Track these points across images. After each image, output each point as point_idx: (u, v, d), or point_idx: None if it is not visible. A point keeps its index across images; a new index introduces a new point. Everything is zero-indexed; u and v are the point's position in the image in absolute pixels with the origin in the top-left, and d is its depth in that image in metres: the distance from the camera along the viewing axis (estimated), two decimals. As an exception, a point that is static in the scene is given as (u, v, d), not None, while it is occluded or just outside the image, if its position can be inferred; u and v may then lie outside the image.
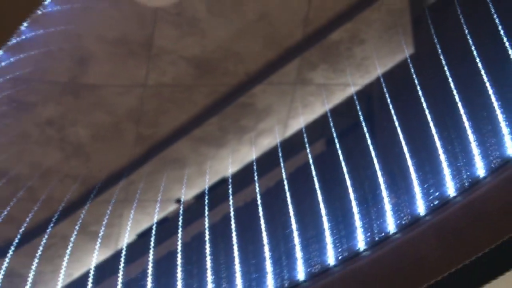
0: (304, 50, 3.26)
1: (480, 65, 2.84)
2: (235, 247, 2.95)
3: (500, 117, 2.73)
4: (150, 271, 2.94)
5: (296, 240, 2.78)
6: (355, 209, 2.72)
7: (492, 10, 3.05)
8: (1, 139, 3.10)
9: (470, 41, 3.02)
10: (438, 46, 2.94)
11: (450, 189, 2.61)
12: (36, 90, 3.00)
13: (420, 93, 2.97)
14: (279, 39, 3.15)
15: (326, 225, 2.77)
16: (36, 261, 3.11)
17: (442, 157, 2.79)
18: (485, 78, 2.84)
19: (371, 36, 3.16)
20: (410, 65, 3.09)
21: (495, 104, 2.89)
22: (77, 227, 3.20)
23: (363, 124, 3.07)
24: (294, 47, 3.19)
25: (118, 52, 3.00)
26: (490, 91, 2.95)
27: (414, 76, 2.97)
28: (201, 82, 3.07)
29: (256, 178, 3.23)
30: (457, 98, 2.88)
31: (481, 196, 2.46)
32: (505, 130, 2.59)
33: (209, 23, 2.97)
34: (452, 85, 2.98)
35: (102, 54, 3.00)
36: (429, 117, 2.83)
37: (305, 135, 3.43)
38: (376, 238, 2.61)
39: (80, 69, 3.02)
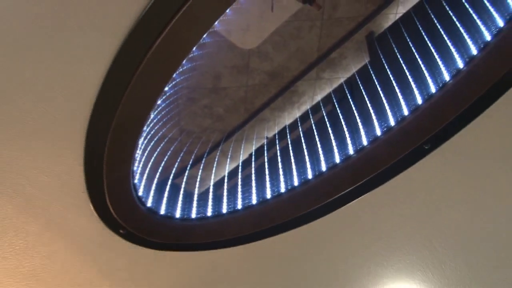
0: (319, 63, 3.30)
1: (403, 65, 2.90)
2: (292, 158, 2.91)
3: (413, 86, 2.49)
4: (253, 172, 3.07)
5: (320, 152, 2.76)
6: (347, 135, 2.68)
7: (406, 35, 3.12)
8: (182, 115, 3.17)
9: (397, 54, 3.09)
10: (381, 56, 2.91)
11: (391, 121, 2.72)
12: (196, 92, 3.14)
13: (374, 78, 3.05)
14: (306, 59, 3.08)
15: (334, 144, 2.69)
16: (201, 171, 3.15)
17: (388, 109, 2.87)
18: (406, 71, 2.89)
19: (349, 54, 3.13)
20: (368, 66, 3.21)
21: (411, 80, 2.96)
22: (218, 153, 3.34)
23: (348, 95, 3.18)
24: (313, 62, 3.23)
25: (233, 72, 3.10)
26: (408, 74, 3.00)
27: (371, 71, 3.07)
28: (272, 82, 3.19)
29: (299, 124, 3.37)
30: (392, 79, 2.94)
31: (410, 121, 2.33)
32: (418, 97, 2.63)
33: (273, 54, 3.08)
34: (389, 73, 3.04)
35: (226, 73, 3.10)
36: (379, 89, 2.87)
37: (321, 103, 3.50)
38: (357, 148, 2.75)
39: (217, 81, 3.12)
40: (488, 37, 2.11)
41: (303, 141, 2.76)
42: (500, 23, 2.08)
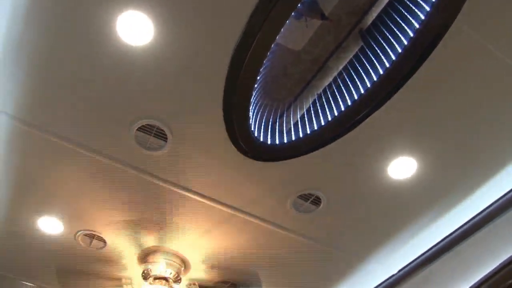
0: (336, 50, 2.70)
1: (382, 42, 2.62)
2: (332, 103, 2.80)
3: (389, 52, 2.52)
4: (313, 114, 2.79)
5: (346, 95, 2.71)
6: (358, 83, 2.64)
7: (382, 27, 2.66)
8: (270, 88, 2.88)
9: (378, 36, 2.68)
10: (369, 40, 2.68)
11: (381, 72, 2.51)
12: (274, 76, 2.86)
13: (367, 51, 2.68)
14: (329, 49, 2.71)
15: (352, 89, 2.65)
16: (285, 117, 2.98)
17: (377, 65, 2.59)
18: (384, 44, 2.59)
19: (352, 42, 2.67)
20: (364, 46, 2.65)
21: (388, 49, 2.53)
22: (292, 107, 2.91)
23: (356, 63, 2.66)
24: (333, 50, 2.71)
25: (292, 63, 2.85)
26: (385, 45, 2.55)
27: (365, 48, 2.64)
28: (313, 66, 2.77)
29: (333, 83, 2.80)
30: (377, 49, 2.66)
31: (390, 71, 2.43)
32: (393, 56, 2.42)
33: (312, 50, 2.75)
34: (375, 47, 2.66)
35: (288, 64, 2.85)
36: (372, 56, 2.63)
37: (342, 71, 2.75)
38: (364, 90, 2.56)
39: (284, 69, 2.87)
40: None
41: (335, 91, 2.82)
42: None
